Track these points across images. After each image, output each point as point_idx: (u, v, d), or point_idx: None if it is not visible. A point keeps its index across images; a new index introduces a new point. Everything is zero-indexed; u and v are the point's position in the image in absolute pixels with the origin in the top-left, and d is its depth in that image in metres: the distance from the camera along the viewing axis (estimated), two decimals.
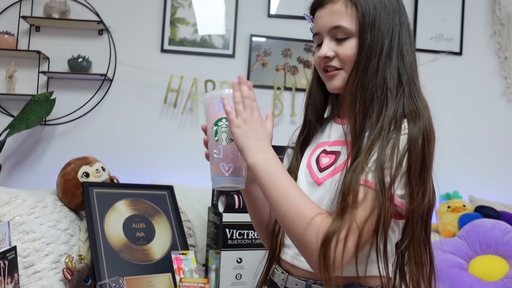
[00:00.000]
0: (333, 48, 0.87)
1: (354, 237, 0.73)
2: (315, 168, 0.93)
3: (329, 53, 0.87)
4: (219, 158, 0.85)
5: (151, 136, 2.41)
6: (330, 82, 0.90)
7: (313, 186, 0.91)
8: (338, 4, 0.85)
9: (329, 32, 0.87)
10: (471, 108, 2.58)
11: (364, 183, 0.76)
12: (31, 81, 2.37)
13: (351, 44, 0.85)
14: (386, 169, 0.76)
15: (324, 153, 0.93)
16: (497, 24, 2.60)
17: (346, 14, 0.84)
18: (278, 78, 2.49)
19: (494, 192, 2.45)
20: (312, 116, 0.99)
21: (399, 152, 0.77)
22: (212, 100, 0.88)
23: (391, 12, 0.86)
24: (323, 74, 0.91)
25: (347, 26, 0.84)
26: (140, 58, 2.41)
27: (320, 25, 0.88)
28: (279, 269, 0.95)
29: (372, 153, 0.78)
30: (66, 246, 1.54)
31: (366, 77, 0.83)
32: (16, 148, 2.35)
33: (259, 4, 2.51)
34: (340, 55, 0.86)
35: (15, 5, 2.37)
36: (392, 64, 0.84)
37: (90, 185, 1.67)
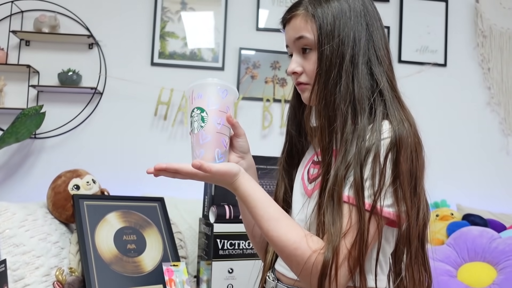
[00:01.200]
0: (300, 63, 0.88)
1: (346, 264, 0.73)
2: (306, 180, 0.93)
3: (297, 69, 0.88)
4: (193, 146, 0.86)
5: (141, 148, 2.42)
6: (302, 94, 0.91)
7: (305, 197, 0.91)
8: (299, 18, 0.87)
9: (294, 44, 0.88)
10: (457, 118, 2.63)
11: (347, 200, 0.76)
12: (21, 95, 2.37)
13: (313, 57, 0.85)
14: (369, 182, 0.75)
15: (313, 163, 0.94)
16: (480, 36, 2.67)
17: (306, 27, 0.85)
18: (267, 90, 2.52)
19: (481, 201, 2.49)
20: (292, 130, 0.99)
21: (380, 162, 0.75)
22: (188, 93, 0.90)
23: (353, 17, 0.84)
24: (298, 87, 0.92)
25: (308, 36, 0.85)
26: (130, 71, 2.43)
27: (287, 38, 0.90)
28: (271, 276, 0.96)
29: (349, 167, 0.77)
30: (57, 259, 1.53)
31: (327, 90, 0.82)
32: (6, 161, 2.34)
33: (247, 18, 2.55)
34: (306, 70, 0.87)
35: (5, 20, 2.38)
36: (358, 72, 0.82)
37: (80, 198, 1.67)
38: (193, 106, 0.87)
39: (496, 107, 2.65)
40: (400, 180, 0.75)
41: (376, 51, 0.85)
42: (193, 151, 0.86)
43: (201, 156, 0.84)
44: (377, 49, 0.85)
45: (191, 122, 0.87)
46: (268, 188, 1.72)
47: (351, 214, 0.75)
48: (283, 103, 2.49)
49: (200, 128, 0.85)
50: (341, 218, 0.75)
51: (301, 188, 0.93)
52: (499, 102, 2.64)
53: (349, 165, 0.77)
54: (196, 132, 0.85)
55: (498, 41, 2.67)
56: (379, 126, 0.78)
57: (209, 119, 0.85)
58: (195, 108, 0.86)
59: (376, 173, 0.75)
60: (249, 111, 2.49)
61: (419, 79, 2.55)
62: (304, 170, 0.96)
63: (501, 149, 2.64)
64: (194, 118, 0.86)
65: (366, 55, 0.83)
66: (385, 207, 0.75)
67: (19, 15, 2.39)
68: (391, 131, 0.77)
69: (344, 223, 0.75)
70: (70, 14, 2.42)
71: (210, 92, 0.87)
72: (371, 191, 0.75)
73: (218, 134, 0.86)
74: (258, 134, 2.50)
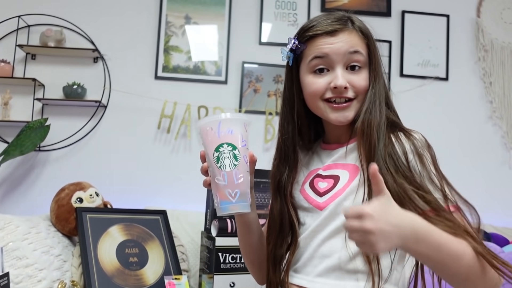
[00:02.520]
0: (347, 78, 0.88)
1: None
2: (311, 194, 0.94)
3: (347, 84, 0.88)
4: (224, 185, 0.82)
5: (144, 161, 2.43)
6: (341, 113, 0.89)
7: (314, 211, 0.92)
8: (354, 33, 0.90)
9: (344, 56, 0.87)
10: (458, 132, 2.63)
11: (453, 209, 0.82)
12: (26, 108, 2.40)
13: (365, 74, 0.89)
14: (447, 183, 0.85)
15: (319, 178, 0.94)
16: (481, 51, 2.68)
17: (362, 44, 0.89)
18: (270, 103, 2.54)
19: (484, 214, 2.48)
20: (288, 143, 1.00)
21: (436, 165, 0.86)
22: (210, 125, 0.85)
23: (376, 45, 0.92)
24: (326, 104, 0.90)
25: (363, 53, 0.88)
26: (134, 85, 2.46)
27: (335, 48, 0.88)
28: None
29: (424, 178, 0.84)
30: (59, 272, 1.54)
31: (375, 107, 0.87)
32: (10, 174, 2.36)
33: (250, 32, 2.58)
34: (356, 85, 0.88)
35: (11, 34, 2.42)
36: (386, 90, 0.92)
37: (83, 211, 1.68)
38: (221, 141, 0.84)
39: (498, 121, 2.65)
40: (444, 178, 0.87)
41: (385, 78, 0.93)
42: (222, 189, 0.82)
43: (237, 196, 0.82)
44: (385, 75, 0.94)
45: (219, 158, 0.83)
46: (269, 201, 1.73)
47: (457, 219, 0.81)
48: None
49: (234, 166, 0.82)
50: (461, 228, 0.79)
51: (306, 203, 0.94)
52: (501, 116, 2.65)
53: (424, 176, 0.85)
54: (229, 170, 0.82)
55: (500, 55, 2.69)
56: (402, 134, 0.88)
57: (241, 158, 0.84)
58: (225, 144, 0.83)
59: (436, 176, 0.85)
60: (251, 124, 2.50)
61: (420, 93, 2.56)
62: (303, 186, 0.97)
63: (503, 163, 2.64)
64: (224, 155, 0.83)
65: (383, 79, 0.92)
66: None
67: (25, 30, 2.43)
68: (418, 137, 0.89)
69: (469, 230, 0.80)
70: (75, 29, 2.45)
71: (241, 128, 0.86)
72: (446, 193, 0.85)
73: (248, 173, 0.86)
74: (261, 147, 2.51)
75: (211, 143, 0.85)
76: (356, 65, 0.87)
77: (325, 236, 0.88)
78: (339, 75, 0.87)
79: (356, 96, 0.88)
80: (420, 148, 0.85)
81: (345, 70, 0.88)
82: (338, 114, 0.89)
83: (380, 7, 2.66)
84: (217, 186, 0.83)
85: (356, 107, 0.89)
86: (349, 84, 0.87)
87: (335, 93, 0.88)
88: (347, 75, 0.88)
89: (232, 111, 2.46)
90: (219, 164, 0.83)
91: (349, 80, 0.87)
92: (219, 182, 0.83)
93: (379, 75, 0.89)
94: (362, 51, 0.87)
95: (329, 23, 0.89)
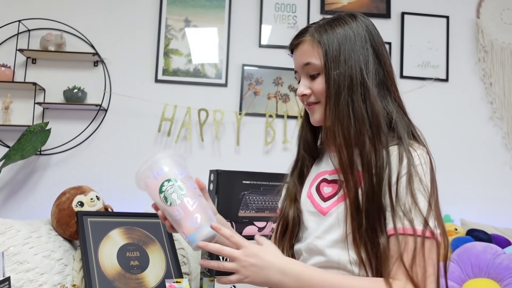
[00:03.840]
0: (308, 85, 0.92)
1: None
2: (316, 198, 0.94)
3: (305, 91, 0.91)
4: (182, 216, 0.82)
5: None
6: (311, 116, 0.94)
7: (318, 215, 0.92)
8: (306, 44, 0.91)
9: (303, 69, 0.92)
10: (459, 133, 2.63)
11: (405, 231, 0.77)
12: (27, 112, 2.40)
13: (321, 79, 0.89)
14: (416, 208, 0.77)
15: (325, 182, 0.95)
16: (481, 52, 2.69)
17: (313, 52, 0.89)
18: (270, 106, 2.54)
19: (485, 215, 2.48)
20: (304, 151, 1.01)
21: (424, 184, 0.79)
22: (146, 173, 0.87)
23: (359, 43, 0.87)
24: (307, 108, 0.95)
25: (315, 62, 0.89)
26: (134, 88, 2.46)
27: (296, 64, 0.94)
28: None
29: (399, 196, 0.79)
30: (60, 276, 1.54)
31: (339, 110, 0.85)
32: (11, 178, 2.36)
33: (250, 35, 2.58)
34: (314, 91, 0.91)
35: (12, 38, 2.43)
36: (370, 95, 0.84)
37: (84, 214, 1.68)
38: (160, 181, 0.84)
39: (499, 122, 2.65)
40: (435, 202, 0.80)
41: (385, 74, 0.89)
42: (183, 222, 0.82)
43: (199, 221, 0.81)
44: (386, 72, 0.89)
45: (166, 196, 0.83)
46: (271, 204, 1.73)
47: (406, 245, 0.76)
48: (285, 119, 2.51)
49: (183, 196, 0.82)
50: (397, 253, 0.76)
51: (312, 207, 0.94)
52: (502, 117, 2.65)
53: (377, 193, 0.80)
54: (180, 201, 0.82)
55: (500, 56, 2.69)
56: (404, 150, 0.82)
57: (187, 186, 0.84)
58: (165, 182, 0.84)
59: (418, 198, 0.78)
60: (252, 127, 2.51)
61: (421, 94, 2.57)
62: (310, 189, 0.97)
63: (504, 164, 2.64)
64: (169, 191, 0.83)
65: (377, 78, 0.87)
66: (434, 229, 0.77)
67: (26, 34, 2.44)
68: (421, 155, 0.82)
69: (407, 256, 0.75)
70: (75, 33, 2.46)
71: (173, 162, 0.87)
72: (421, 217, 0.77)
73: (201, 197, 0.86)
74: (261, 150, 2.51)
75: (154, 190, 0.86)
76: (313, 73, 0.90)
77: (327, 244, 0.88)
78: (300, 84, 0.93)
79: (318, 101, 0.91)
80: (414, 168, 0.81)
81: (308, 78, 0.92)
82: (310, 116, 0.95)
83: (380, 9, 2.66)
84: (178, 223, 0.83)
85: (321, 109, 0.91)
86: (310, 90, 0.91)
87: (304, 100, 0.94)
88: (309, 82, 0.91)
89: (232, 114, 2.47)
90: (169, 202, 0.83)
91: (310, 87, 0.91)
92: (178, 218, 0.83)
93: (342, 78, 0.85)
94: (313, 61, 0.89)
95: (292, 38, 0.95)
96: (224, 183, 1.68)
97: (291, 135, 2.51)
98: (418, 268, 0.75)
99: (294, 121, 2.53)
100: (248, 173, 1.73)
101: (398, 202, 0.78)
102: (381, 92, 0.87)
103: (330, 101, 0.86)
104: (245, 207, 1.71)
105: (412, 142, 0.85)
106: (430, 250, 0.76)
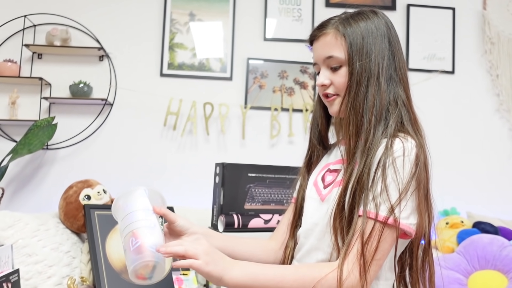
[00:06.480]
0: (329, 77, 0.93)
1: (357, 273, 0.80)
2: (320, 186, 0.98)
3: (325, 81, 0.93)
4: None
5: (151, 158, 2.45)
6: (330, 107, 0.96)
7: (318, 201, 0.96)
8: (329, 36, 0.92)
9: (324, 62, 0.93)
10: (465, 125, 2.62)
11: (368, 215, 0.81)
12: (33, 107, 2.41)
13: (344, 71, 0.91)
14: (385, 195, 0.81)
15: (328, 171, 0.99)
16: (488, 43, 2.66)
17: (336, 45, 0.91)
18: (275, 99, 2.54)
19: (491, 208, 2.47)
20: (314, 138, 1.04)
21: (396, 175, 0.82)
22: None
23: (379, 37, 0.91)
24: (325, 100, 0.97)
25: (338, 56, 0.91)
26: (140, 82, 2.47)
27: (316, 56, 0.95)
28: None
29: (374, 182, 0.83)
30: (68, 268, 1.55)
31: (356, 101, 0.88)
32: (18, 172, 2.38)
33: (255, 28, 2.58)
34: (334, 83, 0.92)
35: (18, 34, 2.44)
36: (381, 87, 0.88)
37: (91, 208, 1.69)
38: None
39: (506, 114, 2.64)
40: (415, 193, 0.83)
41: (396, 69, 0.92)
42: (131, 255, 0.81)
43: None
44: (397, 68, 0.92)
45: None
46: (277, 197, 1.73)
47: (366, 226, 0.81)
48: (291, 112, 2.51)
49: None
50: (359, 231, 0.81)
51: (315, 194, 0.98)
52: (509, 109, 2.63)
53: (364, 178, 0.83)
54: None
55: (507, 48, 2.66)
56: (392, 141, 0.85)
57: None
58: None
59: (390, 186, 0.81)
60: (257, 121, 2.51)
61: (427, 87, 2.55)
62: (317, 177, 1.01)
63: (510, 156, 2.62)
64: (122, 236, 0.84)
65: (388, 72, 0.90)
66: (402, 219, 0.81)
67: (31, 29, 2.45)
68: (407, 147, 0.84)
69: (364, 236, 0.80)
70: (81, 27, 2.47)
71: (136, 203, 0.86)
72: (388, 204, 0.81)
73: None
74: (266, 143, 2.51)
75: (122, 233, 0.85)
76: (335, 66, 0.92)
77: (323, 229, 0.92)
78: (320, 75, 0.94)
79: (338, 93, 0.93)
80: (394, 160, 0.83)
81: (328, 69, 0.94)
82: (328, 107, 0.97)
83: (385, 1, 2.65)
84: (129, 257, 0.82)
85: (339, 102, 0.93)
86: (331, 81, 0.93)
87: (322, 90, 0.96)
88: (330, 74, 0.93)
89: (237, 107, 2.46)
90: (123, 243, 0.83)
91: (331, 79, 0.93)
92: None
93: (363, 70, 0.89)
94: (336, 53, 0.91)
95: (313, 29, 0.97)
96: (230, 176, 1.69)
97: (296, 128, 2.51)
98: (369, 250, 0.80)
99: (299, 115, 2.53)
100: (253, 166, 1.73)
101: (371, 188, 0.82)
102: (390, 85, 0.91)
103: (350, 93, 0.89)
104: (251, 200, 1.71)
105: (404, 134, 0.87)
106: (387, 237, 0.81)
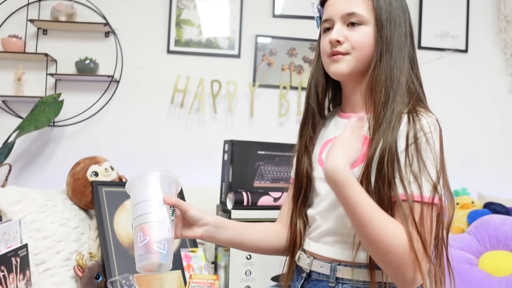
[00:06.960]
0: (344, 34, 0.87)
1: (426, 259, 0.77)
2: None
3: (340, 38, 0.87)
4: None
5: (158, 135, 2.42)
6: (334, 65, 0.89)
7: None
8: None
9: (342, 17, 0.88)
10: (478, 105, 2.57)
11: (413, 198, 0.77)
12: (39, 83, 2.39)
13: (365, 30, 0.86)
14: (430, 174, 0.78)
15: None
16: (503, 22, 2.59)
17: (363, 3, 0.86)
18: (284, 77, 2.50)
19: (502, 188, 2.44)
20: (313, 104, 0.97)
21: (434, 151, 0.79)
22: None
23: (402, 10, 0.88)
24: (328, 59, 0.90)
25: (362, 13, 0.86)
26: (146, 59, 2.43)
27: (333, 11, 0.89)
28: (304, 254, 0.95)
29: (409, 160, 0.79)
30: (77, 244, 1.55)
31: (387, 69, 0.84)
32: (25, 149, 2.37)
33: (264, 5, 2.52)
34: (351, 40, 0.87)
35: (22, 9, 2.40)
36: (404, 60, 0.86)
37: (99, 184, 1.68)
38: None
39: None
40: (443, 170, 0.81)
41: (412, 47, 0.91)
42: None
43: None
44: (413, 44, 0.91)
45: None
46: (287, 175, 1.71)
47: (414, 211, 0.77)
48: (299, 91, 2.47)
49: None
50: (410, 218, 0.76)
51: (319, 173, 0.93)
52: None
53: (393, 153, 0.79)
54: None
55: None
56: (416, 116, 0.82)
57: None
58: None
59: (429, 164, 0.78)
60: (265, 99, 2.48)
61: (439, 65, 2.50)
62: (320, 155, 0.96)
63: None
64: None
65: (406, 47, 0.88)
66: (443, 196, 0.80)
67: (36, 4, 2.40)
68: (432, 123, 0.81)
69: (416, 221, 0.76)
70: (86, 3, 2.42)
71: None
72: (431, 183, 0.77)
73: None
74: (275, 121, 2.48)
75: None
76: (355, 22, 0.87)
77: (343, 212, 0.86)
78: (334, 30, 0.88)
79: (351, 51, 0.87)
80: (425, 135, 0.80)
81: (344, 26, 0.88)
82: (333, 65, 0.89)
83: None
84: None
85: (351, 62, 0.87)
86: (345, 38, 0.87)
87: (331, 48, 0.88)
88: (345, 30, 0.87)
89: (245, 85, 2.43)
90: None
91: (346, 35, 0.87)
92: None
93: (392, 33, 0.85)
94: (360, 12, 0.86)
95: None
96: (239, 153, 1.66)
97: None
98: (427, 232, 0.76)
99: None
100: (262, 144, 1.71)
101: (407, 169, 0.78)
102: (407, 60, 0.88)
103: (382, 59, 0.85)
104: (260, 178, 1.69)
105: (423, 110, 0.84)
106: (434, 215, 0.78)
